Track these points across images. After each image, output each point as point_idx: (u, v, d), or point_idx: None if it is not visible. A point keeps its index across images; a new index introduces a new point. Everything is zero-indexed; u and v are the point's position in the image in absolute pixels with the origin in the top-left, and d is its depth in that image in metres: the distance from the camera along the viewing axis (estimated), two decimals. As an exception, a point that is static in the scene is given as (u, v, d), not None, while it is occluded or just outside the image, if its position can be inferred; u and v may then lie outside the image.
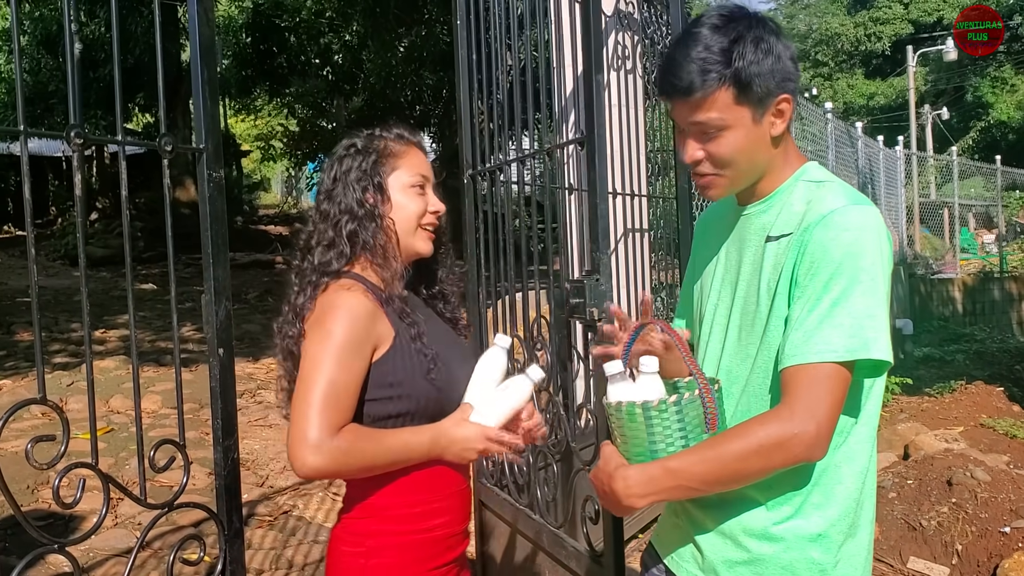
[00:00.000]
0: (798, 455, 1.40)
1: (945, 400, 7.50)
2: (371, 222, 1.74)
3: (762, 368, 1.53)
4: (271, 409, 6.71)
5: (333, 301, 1.67)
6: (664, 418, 1.45)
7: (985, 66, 42.26)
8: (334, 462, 1.59)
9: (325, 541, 4.40)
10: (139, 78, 17.25)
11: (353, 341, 1.64)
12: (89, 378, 1.72)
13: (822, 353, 1.39)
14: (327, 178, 1.81)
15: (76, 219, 1.75)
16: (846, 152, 11.48)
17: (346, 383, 1.63)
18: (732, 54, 1.46)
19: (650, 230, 4.60)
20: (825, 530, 1.51)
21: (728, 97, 1.48)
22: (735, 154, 1.52)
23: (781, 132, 1.54)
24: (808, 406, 1.39)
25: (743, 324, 1.59)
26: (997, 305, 14.88)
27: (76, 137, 1.59)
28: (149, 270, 14.33)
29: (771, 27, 1.52)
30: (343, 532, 1.78)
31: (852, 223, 1.44)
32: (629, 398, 1.49)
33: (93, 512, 4.13)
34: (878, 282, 1.43)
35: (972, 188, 21.92)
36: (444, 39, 16.12)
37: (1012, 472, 4.96)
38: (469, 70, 3.44)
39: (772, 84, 1.49)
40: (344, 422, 1.63)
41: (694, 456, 1.44)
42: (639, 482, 1.45)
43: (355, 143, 1.81)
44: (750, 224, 1.62)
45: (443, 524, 1.78)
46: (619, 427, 1.51)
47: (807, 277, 1.44)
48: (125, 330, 9.18)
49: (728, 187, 1.58)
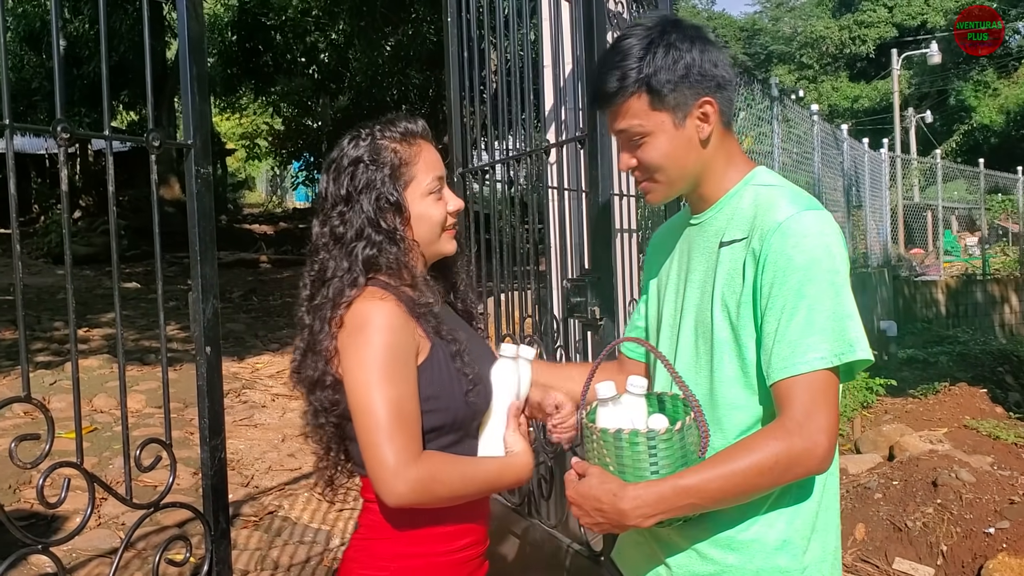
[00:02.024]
0: (811, 469, 1.43)
1: (929, 401, 7.54)
2: (392, 245, 1.61)
3: (729, 378, 1.53)
4: (256, 409, 6.68)
5: (367, 313, 1.55)
6: (669, 445, 1.44)
7: (968, 70, 42.62)
8: (423, 487, 1.50)
9: (311, 541, 4.37)
10: (124, 75, 17.15)
11: (399, 348, 1.54)
12: (74, 376, 1.70)
13: (812, 362, 1.40)
14: (334, 191, 1.65)
15: (60, 216, 1.72)
16: (832, 154, 11.54)
17: (404, 395, 1.53)
18: (643, 61, 1.50)
19: (640, 230, 4.60)
20: (789, 536, 1.51)
21: (643, 104, 1.52)
22: (661, 159, 1.55)
23: (709, 135, 1.55)
24: (814, 420, 1.39)
25: (698, 331, 1.58)
26: (980, 307, 15.00)
27: (63, 132, 1.57)
28: (133, 268, 14.23)
29: (688, 33, 1.54)
30: (361, 554, 1.66)
31: (809, 228, 1.45)
32: (631, 426, 1.48)
33: (76, 512, 4.10)
34: (845, 282, 1.44)
35: (955, 191, 22.06)
36: (431, 38, 16.10)
37: (996, 473, 4.98)
38: (460, 68, 3.42)
39: (686, 88, 1.51)
40: (419, 438, 1.54)
41: (709, 473, 1.42)
42: (650, 501, 1.43)
43: (362, 157, 1.64)
44: (702, 231, 1.63)
45: (470, 544, 1.69)
46: (614, 454, 1.47)
47: (774, 287, 1.44)
48: (108, 329, 9.12)
49: (666, 192, 1.60)
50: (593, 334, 2.50)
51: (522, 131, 3.22)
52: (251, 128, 27.60)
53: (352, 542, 1.70)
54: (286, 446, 5.79)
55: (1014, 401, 8.47)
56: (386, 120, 1.72)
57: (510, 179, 3.32)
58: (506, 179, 3.33)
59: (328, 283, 1.60)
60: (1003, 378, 9.46)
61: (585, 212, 2.61)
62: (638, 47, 1.51)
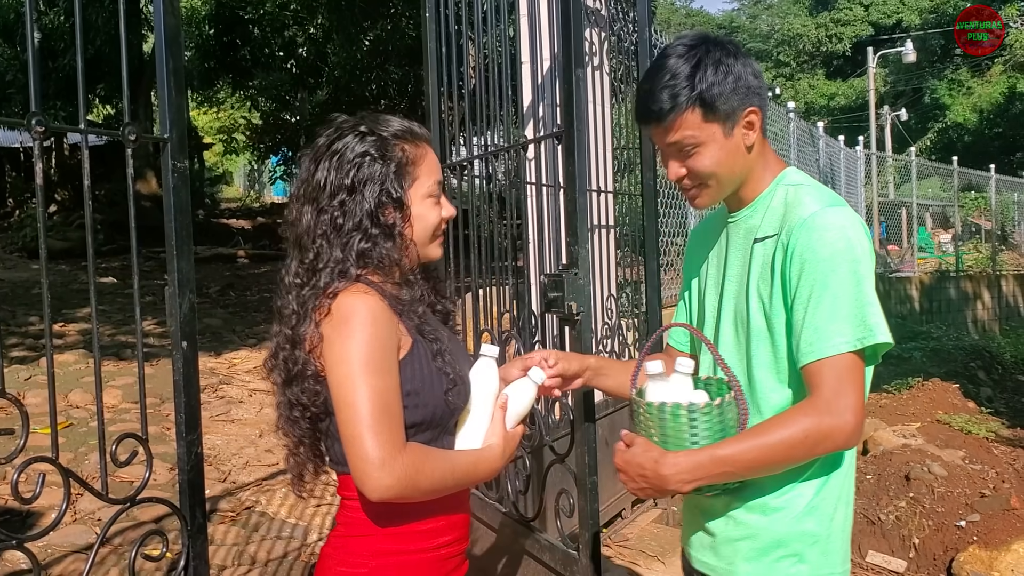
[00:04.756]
0: (840, 444, 1.55)
1: (903, 397, 7.61)
2: (388, 241, 1.61)
3: (764, 363, 1.67)
4: (234, 404, 6.64)
5: (350, 305, 1.54)
6: (709, 419, 1.57)
7: (943, 69, 43.07)
8: (407, 480, 1.49)
9: (288, 537, 4.37)
10: (100, 69, 16.98)
11: (382, 341, 1.53)
12: (49, 371, 1.70)
13: (838, 346, 1.52)
14: (335, 180, 1.62)
15: (35, 210, 1.71)
16: (808, 151, 11.62)
17: (388, 387, 1.52)
18: (695, 79, 1.62)
19: (616, 226, 4.62)
20: (817, 504, 1.65)
21: (696, 117, 1.64)
22: (713, 167, 1.67)
23: (753, 141, 1.68)
24: (842, 398, 1.52)
25: (737, 321, 1.72)
26: (953, 303, 15.17)
27: (37, 125, 1.56)
28: (109, 263, 14.10)
29: (729, 49, 1.66)
30: (339, 552, 1.64)
31: (832, 223, 1.57)
32: (673, 399, 1.60)
33: (52, 508, 4.07)
34: (866, 272, 1.56)
35: (929, 188, 22.26)
36: (410, 33, 16.05)
37: (968, 467, 5.05)
38: (437, 64, 3.43)
39: (735, 100, 1.64)
40: (402, 430, 1.53)
41: (744, 444, 1.55)
42: (688, 468, 1.55)
43: (369, 151, 1.62)
44: (738, 229, 1.76)
45: (450, 542, 1.68)
46: (658, 425, 1.60)
47: (800, 278, 1.57)
48: (84, 324, 9.04)
49: (714, 196, 1.73)
50: (570, 329, 2.51)
51: (500, 127, 3.23)
52: (229, 122, 27.38)
53: (330, 539, 1.69)
54: (263, 441, 5.77)
55: (986, 396, 8.57)
56: (380, 115, 1.70)
57: (488, 175, 3.32)
58: (484, 175, 3.33)
59: (319, 272, 1.59)
60: (975, 373, 9.57)
61: (563, 208, 2.62)
62: (686, 67, 1.63)
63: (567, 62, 2.51)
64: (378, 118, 1.70)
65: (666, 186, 6.85)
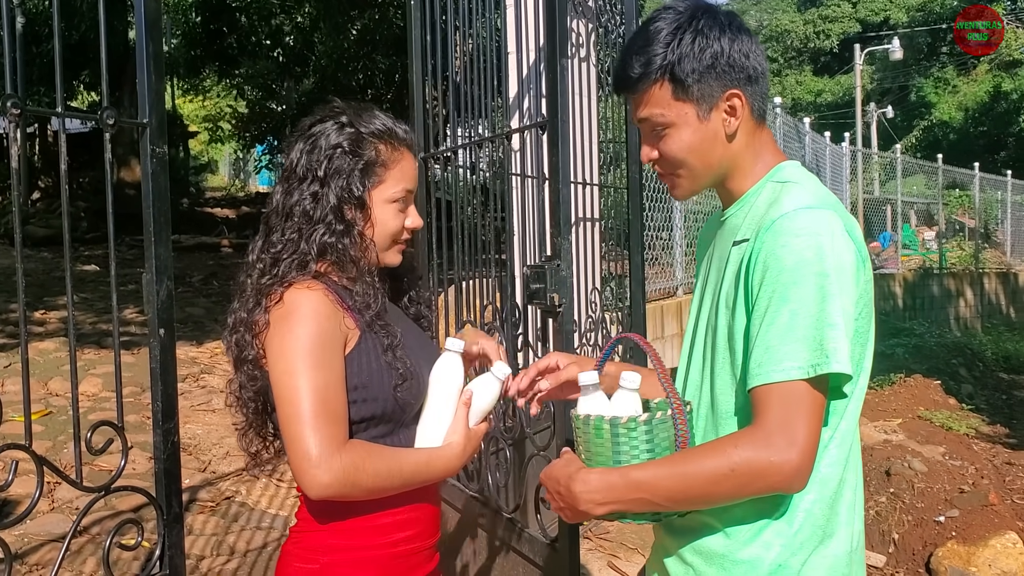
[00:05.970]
0: (775, 485, 1.31)
1: (885, 393, 7.66)
2: (346, 238, 1.60)
3: (724, 382, 1.44)
4: (214, 393, 6.61)
5: (294, 300, 1.54)
6: (632, 436, 1.38)
7: (929, 67, 43.30)
8: (346, 477, 1.46)
9: (268, 527, 4.35)
10: (84, 55, 16.80)
11: (324, 336, 1.52)
12: (24, 358, 1.68)
13: (788, 371, 1.29)
14: (305, 166, 1.63)
15: (13, 194, 1.69)
16: (794, 147, 11.66)
17: (329, 383, 1.50)
18: (669, 47, 1.42)
19: (601, 220, 4.61)
20: (785, 560, 1.38)
21: (666, 93, 1.44)
22: (684, 153, 1.46)
23: (736, 129, 1.46)
24: (786, 432, 1.28)
25: (707, 332, 1.51)
26: (936, 301, 15.28)
27: (13, 107, 1.53)
28: (92, 251, 13.98)
29: (720, 20, 1.44)
30: (295, 547, 1.63)
31: (803, 228, 1.33)
32: (597, 412, 1.44)
33: (28, 496, 4.03)
34: (835, 290, 1.31)
35: (914, 186, 22.39)
36: (397, 23, 15.96)
37: (947, 463, 5.09)
38: (422, 52, 3.41)
39: (711, 79, 1.42)
40: (344, 427, 1.51)
41: (662, 470, 1.35)
42: (599, 488, 1.37)
43: (342, 143, 1.62)
44: (724, 229, 1.54)
45: (409, 538, 1.64)
46: (584, 440, 1.44)
47: (761, 288, 1.34)
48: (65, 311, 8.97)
49: (689, 187, 1.52)
50: (552, 321, 2.50)
51: (485, 117, 3.21)
52: (214, 111, 27.20)
53: (290, 534, 1.69)
54: (245, 432, 5.75)
55: (967, 393, 8.64)
56: (369, 110, 1.68)
57: (472, 165, 3.31)
58: (468, 165, 3.32)
59: (280, 262, 1.59)
60: (957, 370, 9.64)
61: (547, 199, 2.61)
62: (665, 32, 1.43)
63: (552, 50, 2.49)
64: (364, 112, 1.68)
65: (652, 180, 6.86)
